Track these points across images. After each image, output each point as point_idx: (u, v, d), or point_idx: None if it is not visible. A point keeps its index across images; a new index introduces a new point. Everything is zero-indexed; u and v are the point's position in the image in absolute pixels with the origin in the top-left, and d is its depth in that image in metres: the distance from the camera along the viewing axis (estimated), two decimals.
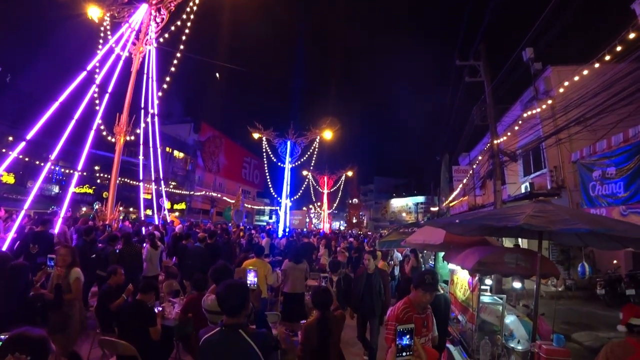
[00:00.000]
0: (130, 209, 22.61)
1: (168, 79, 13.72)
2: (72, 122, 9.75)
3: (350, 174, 32.71)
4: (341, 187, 34.59)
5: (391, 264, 9.58)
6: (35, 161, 14.70)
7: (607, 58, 6.56)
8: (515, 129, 11.41)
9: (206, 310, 3.21)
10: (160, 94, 14.09)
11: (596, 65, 6.89)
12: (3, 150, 12.93)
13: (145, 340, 3.66)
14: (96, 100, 11.10)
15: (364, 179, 61.40)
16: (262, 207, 45.35)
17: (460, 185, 17.92)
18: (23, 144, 8.77)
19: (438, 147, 23.57)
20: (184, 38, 13.08)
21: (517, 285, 4.18)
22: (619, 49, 6.39)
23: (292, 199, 26.04)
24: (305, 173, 30.02)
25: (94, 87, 10.73)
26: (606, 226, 2.46)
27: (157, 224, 12.40)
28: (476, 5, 12.10)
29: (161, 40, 13.07)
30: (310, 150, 23.49)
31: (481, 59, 10.96)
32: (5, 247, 6.71)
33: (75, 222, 9.83)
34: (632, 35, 6.23)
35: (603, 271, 9.79)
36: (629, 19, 6.99)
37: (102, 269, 5.66)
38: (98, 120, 10.96)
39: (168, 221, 14.84)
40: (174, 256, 8.63)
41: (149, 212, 16.29)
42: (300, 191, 29.50)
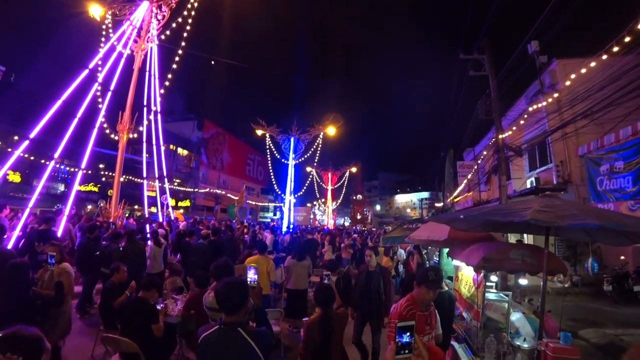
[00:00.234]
0: (135, 207, 22.71)
1: (170, 76, 13.71)
2: (75, 121, 9.78)
3: (354, 170, 32.66)
4: (345, 183, 34.53)
5: (395, 259, 9.52)
6: (41, 160, 14.78)
7: (615, 49, 6.41)
8: (521, 123, 11.26)
9: (207, 308, 3.19)
10: (162, 91, 14.07)
11: (604, 57, 6.73)
12: (9, 149, 13.00)
13: (148, 337, 3.66)
14: (99, 98, 11.10)
15: (368, 175, 61.32)
16: (267, 204, 45.41)
17: (464, 181, 17.77)
18: (27, 143, 8.81)
19: (442, 143, 23.38)
20: (185, 35, 13.03)
21: (523, 282, 4.11)
22: (627, 40, 6.24)
23: (296, 196, 26.07)
24: (309, 169, 29.99)
25: (97, 85, 10.74)
26: (616, 221, 2.38)
27: (161, 221, 12.43)
28: None
29: (162, 37, 13.04)
30: (314, 147, 23.47)
31: (485, 53, 10.81)
32: (10, 246, 6.75)
33: (80, 220, 9.87)
34: None
35: (610, 267, 9.66)
36: (639, 8, 6.81)
37: (106, 267, 5.67)
38: (101, 118, 10.98)
39: (172, 218, 14.89)
40: (178, 253, 8.65)
41: (153, 210, 16.36)
42: (304, 187, 29.52)
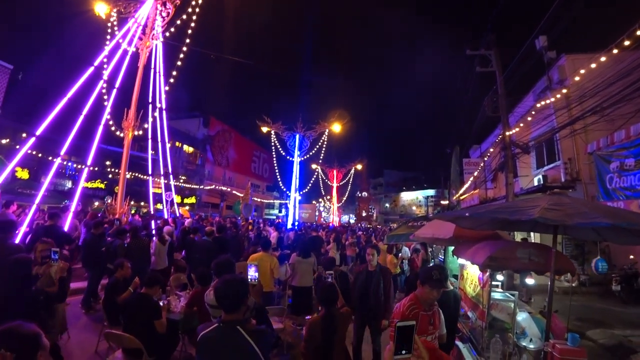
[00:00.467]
0: (141, 203, 22.91)
1: (175, 73, 13.74)
2: (81, 118, 9.84)
3: (359, 167, 32.50)
4: (350, 181, 34.40)
5: (400, 256, 9.47)
6: (48, 157, 14.94)
7: (626, 43, 6.25)
8: (528, 120, 11.11)
9: (208, 305, 3.18)
10: (167, 89, 14.11)
11: (614, 52, 6.57)
12: (17, 146, 13.13)
13: (151, 333, 3.67)
14: (104, 95, 11.16)
15: (373, 172, 61.16)
16: (272, 201, 45.49)
17: (471, 178, 17.62)
18: (33, 140, 8.88)
19: (449, 140, 23.21)
20: (189, 32, 13.03)
21: (530, 281, 4.03)
22: (638, 33, 6.07)
23: (301, 193, 26.04)
24: (314, 166, 29.92)
25: (102, 83, 10.79)
26: (627, 220, 2.31)
27: (167, 218, 12.49)
28: None
29: (167, 34, 13.04)
30: (320, 144, 23.41)
31: (492, 48, 10.65)
32: (17, 241, 6.81)
33: (86, 217, 9.95)
34: None
35: (619, 266, 9.50)
36: None
37: (111, 262, 5.70)
38: (106, 115, 11.03)
39: (178, 215, 14.95)
40: (182, 250, 8.69)
41: (159, 206, 16.46)
42: (310, 185, 29.46)
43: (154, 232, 8.87)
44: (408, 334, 1.58)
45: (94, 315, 6.11)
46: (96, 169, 18.20)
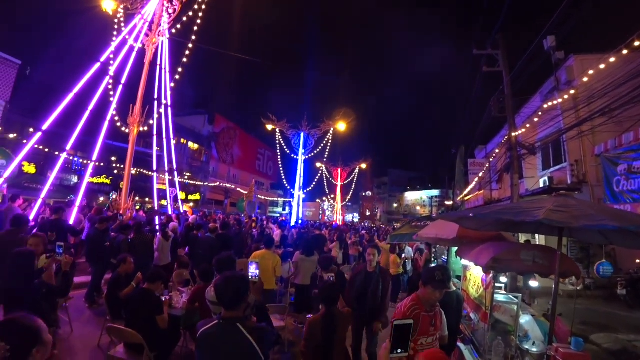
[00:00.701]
0: (146, 199, 23.02)
1: (181, 70, 13.78)
2: (87, 113, 9.91)
3: (364, 166, 32.42)
4: (355, 180, 34.32)
5: (403, 257, 9.43)
6: (55, 152, 15.06)
7: (636, 44, 6.15)
8: (535, 120, 10.99)
9: (209, 301, 3.16)
10: (172, 85, 14.16)
11: (624, 52, 6.47)
12: (24, 141, 13.25)
13: (153, 328, 3.69)
14: (110, 91, 11.22)
15: (378, 172, 60.93)
16: (276, 199, 45.58)
17: (475, 179, 17.50)
18: (39, 135, 8.96)
19: (454, 140, 23.07)
20: (196, 29, 13.04)
21: (534, 284, 3.99)
22: None
23: (305, 191, 26.05)
24: (318, 165, 29.90)
25: (108, 79, 10.86)
26: (635, 223, 2.26)
27: (171, 214, 12.54)
28: None
29: (173, 31, 13.08)
30: (324, 142, 23.39)
31: (499, 48, 10.54)
32: None
33: (91, 212, 10.02)
34: None
35: (625, 270, 9.38)
36: None
37: (115, 258, 5.74)
38: (112, 111, 11.09)
39: (182, 211, 15.02)
40: (186, 246, 8.73)
41: (163, 202, 16.55)
42: (314, 183, 29.46)
43: (157, 228, 8.92)
44: (405, 333, 1.56)
45: (97, 310, 6.16)
46: (102, 164, 18.32)
